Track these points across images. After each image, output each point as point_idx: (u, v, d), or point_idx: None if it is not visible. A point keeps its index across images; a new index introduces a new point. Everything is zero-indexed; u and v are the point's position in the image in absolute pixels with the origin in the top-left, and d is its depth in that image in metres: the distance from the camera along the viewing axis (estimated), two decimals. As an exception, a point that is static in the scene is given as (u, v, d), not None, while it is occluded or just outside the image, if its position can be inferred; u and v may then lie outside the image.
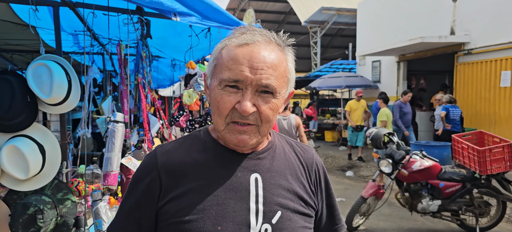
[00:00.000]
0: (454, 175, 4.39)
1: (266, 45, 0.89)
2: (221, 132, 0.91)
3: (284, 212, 0.93)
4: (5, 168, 2.06)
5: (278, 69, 0.88)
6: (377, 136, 4.74)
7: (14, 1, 2.31)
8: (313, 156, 1.08)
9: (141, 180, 0.94)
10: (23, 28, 3.19)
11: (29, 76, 2.11)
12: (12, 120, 2.11)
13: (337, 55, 22.02)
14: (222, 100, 0.87)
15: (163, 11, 1.95)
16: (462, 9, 8.51)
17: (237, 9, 24.12)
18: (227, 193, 0.90)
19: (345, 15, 16.32)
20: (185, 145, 0.98)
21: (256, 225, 0.89)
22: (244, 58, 0.86)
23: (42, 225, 2.12)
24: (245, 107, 0.85)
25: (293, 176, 0.99)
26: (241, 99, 0.86)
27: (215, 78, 0.90)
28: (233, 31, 0.93)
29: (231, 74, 0.86)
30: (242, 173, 0.93)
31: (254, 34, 0.89)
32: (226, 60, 0.88)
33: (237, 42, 0.88)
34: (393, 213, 5.47)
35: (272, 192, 0.93)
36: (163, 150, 0.97)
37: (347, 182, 7.88)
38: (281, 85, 0.90)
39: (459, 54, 8.60)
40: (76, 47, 4.36)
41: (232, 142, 0.90)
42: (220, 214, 0.87)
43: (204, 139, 0.98)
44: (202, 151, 0.96)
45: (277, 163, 0.99)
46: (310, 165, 1.05)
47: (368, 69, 12.39)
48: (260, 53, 0.86)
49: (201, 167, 0.93)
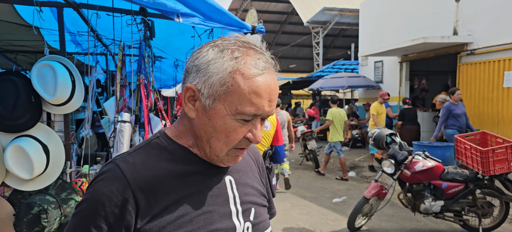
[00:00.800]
0: (457, 175, 4.38)
1: (272, 69, 0.86)
2: (220, 156, 0.87)
3: (256, 208, 0.97)
4: (9, 168, 2.08)
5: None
6: (379, 137, 4.74)
7: (18, 2, 2.33)
8: (257, 151, 1.13)
9: (109, 204, 0.78)
10: (27, 29, 3.22)
11: (33, 77, 2.13)
12: (17, 120, 2.13)
13: (339, 55, 22.00)
14: (235, 132, 0.83)
15: (166, 12, 1.96)
16: (465, 9, 8.49)
17: (239, 9, 24.14)
18: (210, 199, 0.88)
19: (348, 16, 16.31)
20: (151, 155, 0.87)
21: (240, 225, 0.91)
22: (266, 92, 0.82)
23: (46, 224, 2.14)
24: (259, 138, 0.86)
25: (251, 172, 1.03)
26: (252, 129, 0.85)
27: (227, 105, 0.81)
28: (233, 48, 0.83)
29: (253, 109, 0.81)
30: (217, 178, 0.92)
31: (261, 58, 0.83)
32: (247, 91, 0.80)
33: (256, 72, 0.81)
34: (395, 214, 5.46)
35: (243, 191, 0.96)
36: (127, 164, 0.83)
37: (350, 182, 7.87)
38: None
39: (462, 54, 8.57)
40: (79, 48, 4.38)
41: (229, 162, 0.90)
42: (209, 221, 0.86)
43: (169, 147, 0.89)
44: (172, 160, 0.87)
45: (240, 163, 1.01)
46: (258, 159, 1.10)
47: (370, 69, 12.37)
48: (275, 84, 0.85)
49: (178, 178, 0.86)
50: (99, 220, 0.78)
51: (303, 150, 9.75)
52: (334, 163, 9.86)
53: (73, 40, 3.91)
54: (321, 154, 10.31)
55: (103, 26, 3.09)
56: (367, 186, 5.36)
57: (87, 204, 0.81)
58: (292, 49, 24.69)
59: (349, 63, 15.11)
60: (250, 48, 0.84)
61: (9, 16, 2.93)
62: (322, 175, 8.58)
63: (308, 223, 5.10)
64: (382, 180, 6.26)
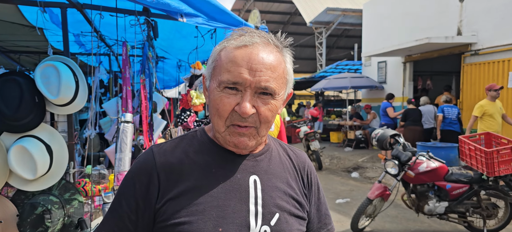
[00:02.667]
0: (461, 176, 4.35)
1: (264, 46, 0.89)
2: (221, 133, 0.91)
3: (281, 214, 0.94)
4: (13, 168, 2.08)
5: (277, 71, 0.89)
6: (383, 137, 4.72)
7: (22, 3, 2.33)
8: (305, 160, 1.10)
9: (138, 181, 0.91)
10: (30, 29, 3.23)
11: (37, 77, 2.13)
12: (21, 121, 2.13)
13: (342, 56, 21.96)
14: (221, 102, 0.87)
15: (170, 12, 1.96)
16: (469, 9, 8.44)
17: (242, 10, 24.15)
18: (227, 194, 0.90)
19: (351, 16, 16.28)
20: (182, 145, 0.96)
21: (255, 227, 0.90)
22: (243, 60, 0.86)
23: (50, 225, 2.14)
24: (244, 109, 0.85)
25: (288, 179, 1.01)
26: (240, 101, 0.86)
27: (214, 80, 0.90)
28: (232, 33, 0.93)
29: (230, 76, 0.86)
30: (241, 175, 0.93)
31: (252, 36, 0.89)
32: (225, 62, 0.88)
33: (235, 44, 0.88)
34: (399, 215, 5.43)
35: (270, 194, 0.94)
36: (160, 149, 0.95)
37: (353, 183, 7.85)
38: (280, 87, 0.90)
39: (466, 54, 8.53)
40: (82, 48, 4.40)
41: (232, 143, 0.90)
42: (221, 215, 0.87)
43: (201, 139, 0.97)
44: (200, 151, 0.95)
45: (273, 165, 1.00)
46: (303, 169, 1.07)
47: (373, 70, 12.34)
48: (259, 55, 0.86)
49: (200, 168, 0.92)
50: (131, 193, 0.91)
51: (306, 150, 9.74)
52: (338, 164, 9.84)
53: (76, 40, 3.92)
54: (324, 155, 10.29)
55: (106, 27, 3.09)
56: (370, 187, 5.34)
57: (126, 179, 0.95)
58: (295, 50, 24.40)
59: (352, 64, 15.08)
60: (245, 32, 0.91)
61: (13, 17, 2.94)
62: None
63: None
64: (386, 181, 6.24)
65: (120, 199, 0.93)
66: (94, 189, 2.56)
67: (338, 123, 13.09)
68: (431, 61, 10.43)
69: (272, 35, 0.94)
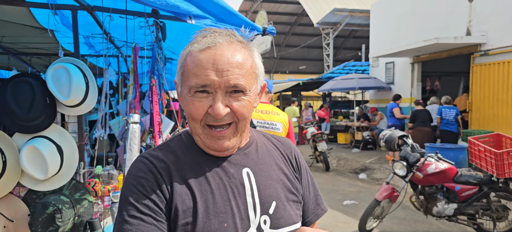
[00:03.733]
0: (471, 178, 4.31)
1: (228, 45, 0.89)
2: (200, 135, 0.92)
3: (278, 202, 0.96)
4: (25, 168, 2.12)
5: (244, 67, 0.89)
6: (390, 139, 4.69)
7: (34, 6, 2.38)
8: (290, 146, 1.12)
9: (145, 180, 0.87)
10: (41, 31, 3.28)
11: (48, 79, 2.16)
12: (32, 122, 2.16)
13: (350, 56, 21.88)
14: (194, 107, 0.88)
15: (179, 14, 1.98)
16: (479, 9, 8.36)
17: (249, 11, 24.18)
18: (225, 190, 0.91)
19: (358, 16, 16.21)
20: (171, 149, 0.96)
21: (255, 218, 0.92)
22: (208, 62, 0.86)
23: (61, 224, 2.17)
24: (217, 110, 0.86)
25: (278, 166, 1.03)
26: (212, 103, 0.87)
27: (184, 85, 0.91)
28: (195, 36, 0.92)
29: (198, 80, 0.86)
30: (234, 169, 0.95)
31: (215, 37, 0.89)
32: (191, 67, 0.88)
33: (199, 47, 0.88)
34: (407, 216, 5.39)
35: (264, 184, 0.96)
36: (151, 155, 0.93)
37: (360, 184, 7.81)
38: (250, 82, 0.91)
39: (475, 55, 8.45)
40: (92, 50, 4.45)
41: (213, 148, 0.91)
42: (223, 211, 0.89)
43: (187, 142, 0.98)
44: (190, 153, 0.95)
45: (262, 156, 1.02)
46: (290, 154, 1.09)
47: (381, 70, 12.27)
48: (224, 55, 0.87)
49: (193, 168, 0.92)
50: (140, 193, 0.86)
51: (313, 151, 9.71)
52: (345, 165, 9.80)
53: (86, 42, 3.97)
54: (331, 156, 10.26)
55: (115, 28, 3.13)
56: (378, 188, 5.31)
57: (128, 189, 0.88)
58: (302, 51, 24.62)
59: (359, 64, 15.01)
60: (208, 33, 0.91)
61: (24, 19, 2.99)
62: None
63: (319, 225, 5.07)
64: (394, 183, 6.20)
65: (134, 206, 0.85)
66: (104, 189, 2.59)
67: (345, 124, 13.04)
68: (440, 61, 10.34)
69: (235, 32, 0.94)
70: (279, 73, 27.39)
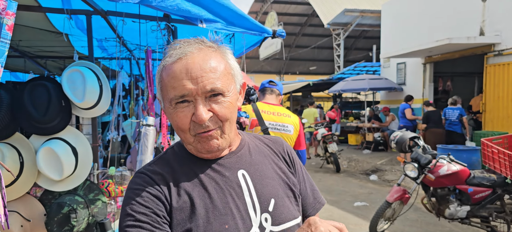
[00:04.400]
0: (484, 180, 4.25)
1: (198, 52, 0.91)
2: (192, 144, 0.94)
3: (276, 198, 0.98)
4: (41, 169, 2.18)
5: (218, 70, 0.91)
6: (402, 140, 4.66)
7: (50, 11, 2.44)
8: (282, 143, 1.14)
9: (147, 191, 0.90)
10: (56, 35, 3.36)
11: (64, 82, 2.22)
12: (49, 124, 2.22)
13: (360, 57, 21.72)
14: (178, 118, 0.90)
15: (190, 18, 2.01)
16: (492, 9, 8.23)
17: (259, 12, 24.22)
18: (223, 193, 0.93)
19: (369, 17, 16.09)
20: (166, 161, 0.99)
21: (256, 217, 0.94)
22: (182, 72, 0.88)
23: (76, 224, 2.22)
24: (200, 116, 0.88)
25: (272, 164, 1.05)
26: (194, 110, 0.89)
27: (165, 100, 0.93)
28: (167, 50, 0.95)
29: (176, 92, 0.88)
30: (229, 173, 0.97)
31: (184, 47, 0.91)
32: (167, 80, 0.90)
33: (171, 60, 0.90)
34: (419, 219, 5.34)
35: (260, 183, 0.98)
36: (148, 168, 0.96)
37: (371, 186, 7.76)
38: (227, 83, 0.92)
39: (489, 55, 8.32)
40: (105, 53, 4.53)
41: (204, 149, 0.93)
42: (224, 213, 0.91)
43: (181, 153, 1.00)
44: (184, 163, 0.98)
45: (255, 156, 1.04)
46: (283, 151, 1.11)
47: (392, 71, 12.16)
48: (196, 62, 0.89)
49: (190, 177, 0.95)
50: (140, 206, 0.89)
51: (324, 153, 9.68)
52: (356, 167, 9.75)
53: (99, 45, 4.04)
54: (342, 157, 10.21)
55: (127, 32, 3.19)
56: (389, 190, 5.27)
57: (128, 202, 0.91)
58: (312, 51, 24.55)
59: (370, 65, 14.90)
60: (175, 46, 0.93)
61: (40, 24, 3.06)
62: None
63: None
64: (405, 184, 6.14)
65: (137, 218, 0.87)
66: (117, 190, 2.64)
67: (356, 125, 12.96)
68: (452, 62, 10.21)
69: (204, 38, 0.96)
70: (289, 74, 27.35)
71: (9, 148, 2.15)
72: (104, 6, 2.54)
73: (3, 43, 1.40)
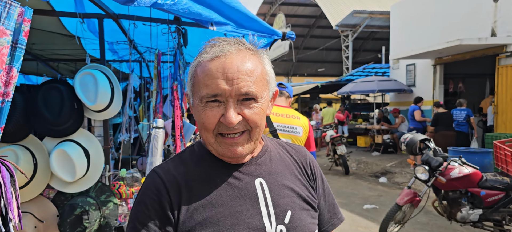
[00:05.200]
0: (497, 183, 4.19)
1: (237, 53, 0.88)
2: (212, 144, 0.91)
3: (293, 211, 0.95)
4: (54, 171, 2.20)
5: (255, 74, 0.88)
6: (412, 142, 4.62)
7: (63, 15, 2.48)
8: (305, 153, 1.10)
9: (150, 200, 0.90)
10: (69, 38, 3.40)
11: (76, 85, 2.25)
12: (62, 126, 2.25)
13: (369, 58, 21.60)
14: (206, 117, 0.88)
15: (201, 21, 2.02)
16: (504, 10, 8.12)
17: (267, 14, 24.25)
18: (237, 201, 0.91)
19: (378, 18, 16.01)
20: (183, 161, 0.97)
21: (271, 227, 0.91)
22: (218, 71, 0.86)
23: (88, 225, 2.25)
24: (229, 118, 0.85)
25: (292, 175, 1.02)
26: (224, 111, 0.86)
27: (195, 96, 0.91)
28: (204, 46, 0.92)
29: (209, 90, 0.86)
30: (246, 180, 0.94)
31: (223, 46, 0.89)
32: (201, 77, 0.88)
33: (208, 57, 0.88)
34: (430, 222, 5.28)
35: (278, 193, 0.95)
36: (163, 169, 0.95)
37: (381, 188, 7.70)
38: (262, 89, 0.90)
39: (500, 56, 8.20)
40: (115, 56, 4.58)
41: (226, 154, 0.91)
42: (236, 222, 0.88)
43: (200, 153, 0.98)
44: (201, 165, 0.95)
45: (275, 165, 1.01)
46: (305, 162, 1.07)
47: (402, 72, 12.07)
48: (233, 63, 0.86)
49: (205, 181, 0.92)
50: (144, 214, 0.89)
51: (333, 155, 9.64)
52: (365, 169, 9.68)
53: (110, 48, 4.09)
54: (351, 159, 10.15)
55: (138, 35, 3.22)
56: (399, 193, 5.22)
57: (135, 204, 0.93)
58: (321, 53, 24.49)
59: (379, 67, 14.82)
60: (216, 43, 0.91)
61: (53, 27, 3.11)
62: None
63: (339, 229, 5.01)
64: (416, 187, 6.08)
65: (134, 224, 0.89)
66: (128, 192, 2.66)
67: (365, 127, 12.88)
68: (463, 63, 10.09)
69: (244, 40, 0.94)
70: (298, 76, 27.30)
71: (23, 150, 2.18)
72: (116, 9, 2.57)
73: (20, 49, 1.43)
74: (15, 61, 1.43)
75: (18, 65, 1.44)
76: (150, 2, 1.64)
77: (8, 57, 1.40)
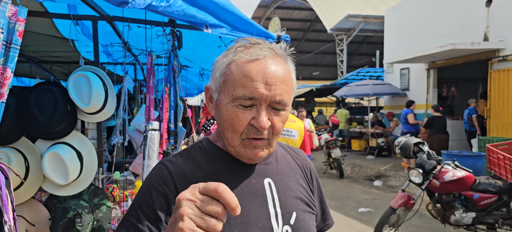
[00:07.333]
0: (490, 186, 4.22)
1: (274, 59, 0.88)
2: (235, 147, 0.91)
3: (298, 212, 0.96)
4: (47, 173, 2.18)
5: (288, 83, 0.89)
6: (406, 146, 4.64)
7: (56, 17, 2.46)
8: (305, 158, 1.12)
9: (155, 191, 0.88)
10: (62, 41, 3.38)
11: (70, 87, 2.23)
12: (54, 128, 2.23)
13: (363, 62, 21.72)
14: (237, 118, 0.87)
15: (195, 23, 2.02)
16: (497, 14, 8.21)
17: (262, 17, 24.32)
18: (246, 199, 0.91)
19: (372, 22, 16.12)
20: (192, 156, 0.96)
21: (278, 228, 0.91)
22: (258, 75, 0.85)
23: (81, 228, 2.23)
24: (261, 123, 0.85)
25: (296, 177, 1.03)
26: (256, 115, 0.86)
27: (225, 94, 0.88)
28: (237, 45, 0.91)
29: (246, 92, 0.85)
30: (256, 179, 0.94)
31: (261, 48, 0.88)
32: (238, 76, 0.86)
33: (246, 58, 0.87)
34: (424, 225, 5.30)
35: (285, 194, 0.97)
36: (171, 161, 0.94)
37: (375, 192, 7.72)
38: (290, 98, 0.92)
39: (493, 60, 8.29)
40: (109, 58, 4.55)
41: (247, 156, 0.91)
42: (245, 221, 0.88)
43: (209, 150, 0.97)
44: (211, 161, 0.95)
45: (282, 166, 1.02)
46: (305, 166, 1.09)
47: (396, 76, 12.15)
48: (272, 68, 0.86)
49: (214, 177, 0.91)
50: (150, 203, 0.87)
51: (327, 158, 9.65)
52: (359, 172, 9.70)
53: (104, 50, 4.07)
54: (345, 163, 10.17)
55: (132, 37, 3.21)
56: (393, 196, 5.24)
57: (139, 194, 0.91)
58: (316, 57, 24.59)
59: (374, 70, 14.90)
60: (251, 45, 0.90)
61: (47, 29, 3.09)
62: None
63: (333, 232, 5.04)
64: (410, 190, 6.11)
65: (136, 212, 0.87)
66: (121, 195, 2.65)
67: (359, 131, 12.93)
68: (457, 67, 10.18)
69: (276, 45, 0.93)
70: (293, 79, 27.33)
71: (15, 152, 2.16)
72: (110, 11, 2.56)
73: (14, 49, 1.41)
74: (9, 62, 1.41)
75: (12, 66, 1.42)
76: (144, 4, 1.63)
77: (2, 58, 1.38)
